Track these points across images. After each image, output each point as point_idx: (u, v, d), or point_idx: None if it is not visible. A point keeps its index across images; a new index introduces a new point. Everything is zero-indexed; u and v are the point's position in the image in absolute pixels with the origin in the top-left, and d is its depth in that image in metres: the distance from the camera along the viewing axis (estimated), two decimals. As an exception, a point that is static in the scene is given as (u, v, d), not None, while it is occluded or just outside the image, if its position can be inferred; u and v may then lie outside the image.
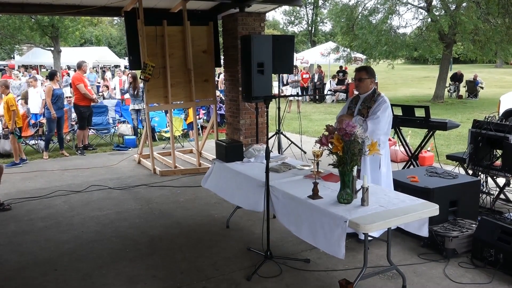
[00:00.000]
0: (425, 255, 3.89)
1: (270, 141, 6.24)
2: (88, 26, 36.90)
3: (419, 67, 43.60)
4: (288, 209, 3.42)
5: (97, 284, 3.55)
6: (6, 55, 36.74)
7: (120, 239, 4.46)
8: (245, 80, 6.00)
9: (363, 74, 4.10)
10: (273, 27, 49.00)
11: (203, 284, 3.52)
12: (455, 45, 18.78)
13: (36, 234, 4.60)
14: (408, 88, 25.09)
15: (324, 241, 3.01)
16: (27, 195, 5.92)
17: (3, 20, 19.12)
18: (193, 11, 7.46)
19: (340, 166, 3.08)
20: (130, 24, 6.64)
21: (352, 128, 3.01)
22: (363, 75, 4.10)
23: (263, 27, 7.18)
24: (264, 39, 5.94)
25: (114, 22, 53.98)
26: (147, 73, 6.54)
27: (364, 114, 4.02)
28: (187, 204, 5.55)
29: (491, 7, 13.90)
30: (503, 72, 33.77)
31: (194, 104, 7.38)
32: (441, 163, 6.40)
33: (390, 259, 3.36)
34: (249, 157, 4.47)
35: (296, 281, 3.52)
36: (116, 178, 6.78)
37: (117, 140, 9.70)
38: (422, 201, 3.22)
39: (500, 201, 5.18)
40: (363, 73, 4.11)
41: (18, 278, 3.68)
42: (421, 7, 18.19)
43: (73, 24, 20.92)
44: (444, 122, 5.54)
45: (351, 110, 4.19)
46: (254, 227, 4.65)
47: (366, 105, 4.05)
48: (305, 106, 16.91)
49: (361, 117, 3.99)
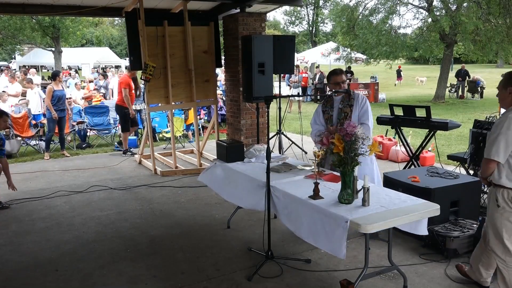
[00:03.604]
0: (426, 255, 3.89)
1: (271, 141, 6.24)
2: (89, 26, 36.97)
3: (420, 67, 43.60)
4: (290, 209, 3.42)
5: (98, 284, 3.55)
6: (7, 56, 36.81)
7: (121, 239, 4.46)
8: (246, 80, 6.00)
9: (343, 77, 4.14)
10: (273, 27, 49.08)
11: (204, 284, 3.52)
12: (456, 45, 18.78)
13: (37, 235, 4.61)
14: (408, 88, 25.07)
15: (325, 241, 3.01)
16: (28, 196, 5.93)
17: (4, 20, 19.16)
18: (194, 12, 7.46)
19: (341, 166, 3.08)
20: (131, 25, 6.64)
21: (353, 128, 3.01)
22: (344, 78, 4.13)
23: (263, 27, 7.18)
24: (265, 39, 5.94)
25: (115, 22, 54.09)
26: (148, 73, 6.54)
27: (347, 112, 4.04)
28: (188, 204, 5.55)
29: (492, 7, 13.90)
30: (504, 72, 33.71)
31: (195, 104, 7.38)
32: (442, 163, 6.40)
33: (391, 259, 3.36)
34: (250, 157, 4.47)
35: (297, 281, 3.52)
36: (117, 179, 6.78)
37: (118, 140, 9.70)
38: (423, 201, 3.22)
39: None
40: (343, 76, 4.14)
41: (19, 278, 3.69)
42: (421, 7, 18.19)
43: (75, 24, 20.96)
44: (445, 122, 5.54)
45: (328, 114, 4.18)
46: (254, 227, 4.65)
47: (346, 103, 4.08)
48: (306, 106, 16.90)
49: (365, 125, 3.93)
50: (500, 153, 2.84)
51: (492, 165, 2.91)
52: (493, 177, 2.95)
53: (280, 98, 6.60)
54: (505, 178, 2.88)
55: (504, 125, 2.82)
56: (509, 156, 2.85)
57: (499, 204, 2.92)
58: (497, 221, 2.96)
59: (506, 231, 2.92)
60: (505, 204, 2.90)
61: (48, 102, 8.07)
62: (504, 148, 2.83)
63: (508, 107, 2.93)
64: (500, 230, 2.95)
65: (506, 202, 2.90)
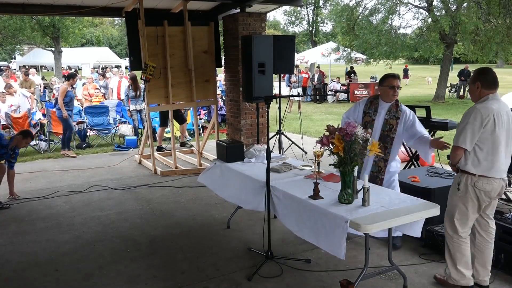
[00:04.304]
0: (426, 255, 3.89)
1: (271, 141, 6.24)
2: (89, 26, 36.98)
3: (420, 67, 43.62)
4: (289, 209, 3.42)
5: (98, 284, 3.55)
6: (7, 56, 36.82)
7: (121, 239, 4.46)
8: (246, 80, 6.00)
9: (399, 82, 3.89)
10: (273, 27, 49.10)
11: (204, 284, 3.52)
12: (456, 45, 18.77)
13: (37, 235, 4.61)
14: (408, 88, 25.08)
15: (325, 241, 3.01)
16: (28, 196, 5.93)
17: (4, 20, 19.16)
18: (194, 12, 7.46)
19: (341, 166, 3.08)
20: (131, 25, 6.64)
21: (353, 128, 3.01)
22: (399, 84, 3.89)
23: (263, 27, 7.18)
24: (265, 39, 5.94)
25: (115, 22, 54.12)
26: (148, 73, 6.54)
27: (393, 125, 3.87)
28: (188, 204, 5.55)
29: (492, 7, 13.90)
30: (504, 72, 33.71)
31: (195, 104, 7.38)
32: (442, 163, 6.40)
33: (391, 259, 3.36)
34: (250, 157, 4.47)
35: (297, 281, 3.52)
36: (117, 179, 6.78)
37: (118, 140, 9.71)
38: (423, 201, 3.22)
39: (501, 201, 5.17)
40: (398, 81, 3.89)
41: (19, 278, 3.69)
42: (421, 7, 18.19)
43: (75, 24, 20.97)
44: (445, 122, 5.54)
45: (370, 117, 3.95)
46: (254, 227, 4.66)
47: (393, 115, 3.88)
48: (306, 106, 16.91)
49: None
50: (467, 141, 3.11)
51: (460, 152, 3.18)
52: (460, 163, 3.22)
53: (280, 98, 6.61)
54: (470, 165, 3.16)
55: (471, 115, 3.10)
56: (475, 145, 3.12)
57: (460, 188, 3.22)
58: (453, 202, 3.28)
59: (458, 212, 3.24)
60: (465, 188, 3.19)
61: (60, 102, 8.10)
62: (471, 137, 3.09)
63: (477, 100, 3.21)
64: (453, 210, 3.28)
65: (467, 187, 3.18)
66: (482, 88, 3.18)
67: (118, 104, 10.86)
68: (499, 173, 3.14)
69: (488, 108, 3.08)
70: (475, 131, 3.08)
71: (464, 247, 3.27)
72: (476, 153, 3.12)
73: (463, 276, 3.29)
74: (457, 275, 3.30)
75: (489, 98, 3.14)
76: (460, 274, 3.29)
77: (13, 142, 5.65)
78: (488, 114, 3.06)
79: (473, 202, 3.19)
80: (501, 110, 3.10)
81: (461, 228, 3.26)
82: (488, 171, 3.12)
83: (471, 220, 3.26)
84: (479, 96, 3.19)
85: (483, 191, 3.15)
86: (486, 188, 3.14)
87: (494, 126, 3.06)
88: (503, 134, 3.10)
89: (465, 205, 3.21)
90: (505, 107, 3.16)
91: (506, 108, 3.15)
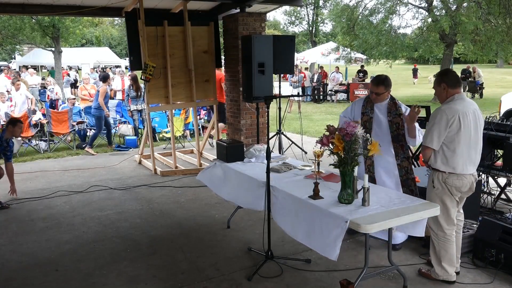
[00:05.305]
0: (426, 255, 3.88)
1: (270, 141, 6.24)
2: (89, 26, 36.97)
3: (420, 67, 43.56)
4: (286, 210, 3.42)
5: (98, 284, 3.56)
6: (7, 56, 36.80)
7: (121, 239, 4.46)
8: (246, 80, 6.00)
9: (381, 89, 3.84)
10: (273, 27, 49.08)
11: (204, 284, 3.52)
12: (456, 45, 18.76)
13: (37, 235, 4.61)
14: (408, 88, 25.07)
15: (318, 242, 3.00)
16: (28, 196, 5.93)
17: (4, 20, 19.14)
18: (194, 12, 7.46)
19: (341, 166, 3.08)
20: (131, 25, 6.63)
21: (353, 128, 3.01)
22: (381, 90, 3.84)
23: (263, 27, 7.18)
24: (265, 39, 5.94)
25: (114, 22, 54.08)
26: (148, 73, 6.53)
27: (399, 122, 3.84)
28: (187, 204, 5.55)
29: (492, 7, 13.88)
30: (504, 72, 33.77)
31: (195, 104, 7.38)
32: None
33: (391, 259, 3.36)
34: (250, 157, 4.47)
35: (296, 281, 3.52)
36: (117, 179, 6.78)
37: (118, 140, 9.70)
38: (423, 201, 3.23)
39: (501, 201, 5.18)
40: (381, 87, 3.84)
41: (19, 278, 3.69)
42: (421, 7, 18.19)
43: (75, 24, 20.94)
44: (445, 122, 5.52)
45: (368, 116, 3.96)
46: (254, 227, 4.66)
47: (395, 114, 3.87)
48: (306, 106, 16.91)
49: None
50: (434, 141, 3.26)
51: (428, 151, 3.33)
52: (430, 162, 3.37)
53: (280, 98, 6.61)
54: (440, 163, 3.30)
55: (437, 116, 3.26)
56: (443, 144, 3.26)
57: (435, 185, 3.35)
58: (432, 199, 3.35)
59: (440, 209, 3.21)
60: (439, 185, 3.32)
61: (101, 101, 8.71)
62: (437, 136, 3.25)
63: (444, 101, 3.34)
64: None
65: (440, 183, 3.32)
66: (449, 88, 3.32)
67: (118, 104, 10.86)
68: (467, 169, 3.28)
69: (453, 108, 3.22)
70: (441, 131, 3.22)
71: (448, 245, 3.38)
72: (444, 152, 3.27)
73: (446, 273, 3.40)
74: (441, 271, 3.42)
75: (454, 99, 3.28)
76: (443, 270, 3.41)
77: (6, 133, 5.65)
78: (453, 115, 3.20)
79: (450, 197, 3.32)
80: (467, 110, 3.23)
81: (446, 224, 3.36)
82: (456, 168, 3.26)
83: (453, 214, 3.37)
84: (446, 96, 3.33)
85: (454, 187, 3.30)
86: (456, 184, 3.29)
87: (459, 125, 3.20)
88: (470, 132, 3.23)
89: (444, 201, 3.33)
90: (471, 106, 3.29)
91: (472, 107, 3.29)
